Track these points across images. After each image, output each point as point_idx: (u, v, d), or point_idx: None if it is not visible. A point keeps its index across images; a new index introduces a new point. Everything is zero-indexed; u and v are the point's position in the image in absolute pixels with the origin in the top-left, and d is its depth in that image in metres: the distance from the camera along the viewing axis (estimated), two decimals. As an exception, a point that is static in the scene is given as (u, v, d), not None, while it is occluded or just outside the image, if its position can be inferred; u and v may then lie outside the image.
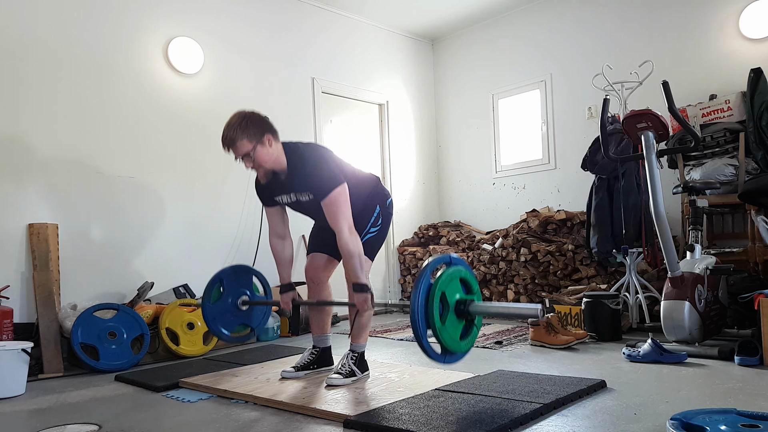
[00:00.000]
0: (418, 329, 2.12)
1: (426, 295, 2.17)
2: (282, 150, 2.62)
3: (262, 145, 2.54)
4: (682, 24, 4.50)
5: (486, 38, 5.84)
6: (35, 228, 3.50)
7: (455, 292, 2.26)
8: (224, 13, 4.57)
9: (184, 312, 3.67)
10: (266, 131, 2.56)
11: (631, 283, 3.78)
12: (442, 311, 2.19)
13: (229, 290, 3.12)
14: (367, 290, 2.51)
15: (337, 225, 2.52)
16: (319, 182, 2.52)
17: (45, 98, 3.63)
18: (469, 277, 2.33)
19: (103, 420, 2.26)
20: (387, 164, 5.79)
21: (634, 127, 3.20)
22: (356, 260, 2.50)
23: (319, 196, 2.53)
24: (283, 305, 2.84)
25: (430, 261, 2.29)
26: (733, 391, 2.29)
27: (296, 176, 2.59)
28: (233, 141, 2.52)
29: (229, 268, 3.13)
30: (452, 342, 2.20)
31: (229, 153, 2.56)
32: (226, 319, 3.09)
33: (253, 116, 2.58)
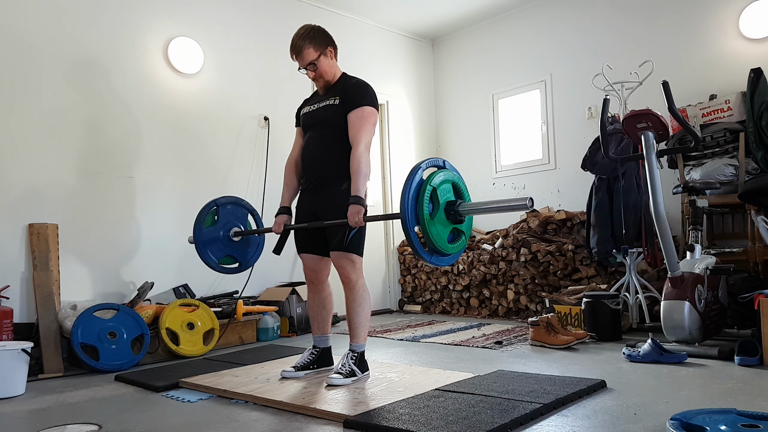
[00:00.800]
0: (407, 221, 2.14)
1: (417, 189, 2.20)
2: (338, 68, 2.83)
3: (325, 55, 2.75)
4: (682, 24, 4.50)
5: (486, 38, 5.84)
6: (35, 228, 3.50)
7: (446, 194, 2.28)
8: (224, 13, 4.57)
9: (184, 312, 3.67)
10: (329, 43, 2.78)
11: (631, 283, 3.78)
12: (432, 209, 2.22)
13: (223, 219, 3.12)
14: (361, 203, 2.55)
15: (357, 137, 2.62)
16: (358, 93, 2.69)
17: (45, 97, 3.63)
18: (461, 183, 2.38)
19: (103, 420, 2.26)
20: (387, 164, 5.79)
21: (634, 127, 3.20)
22: (362, 176, 2.59)
23: (350, 104, 2.67)
24: (275, 227, 2.85)
25: (423, 160, 2.33)
26: (733, 391, 2.29)
27: (339, 85, 2.77)
28: (300, 49, 2.72)
29: (224, 198, 3.16)
30: (440, 240, 2.23)
31: (295, 61, 2.77)
32: (215, 247, 3.10)
33: (319, 28, 2.78)
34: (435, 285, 5.39)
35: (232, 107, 4.58)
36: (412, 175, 2.22)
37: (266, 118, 4.75)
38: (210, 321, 3.75)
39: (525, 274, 4.65)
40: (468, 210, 2.30)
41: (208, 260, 3.09)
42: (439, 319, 4.97)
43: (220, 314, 3.89)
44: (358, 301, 2.71)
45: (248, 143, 4.67)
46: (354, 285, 2.69)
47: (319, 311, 2.90)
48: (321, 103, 2.79)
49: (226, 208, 3.13)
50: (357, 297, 2.71)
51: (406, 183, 2.20)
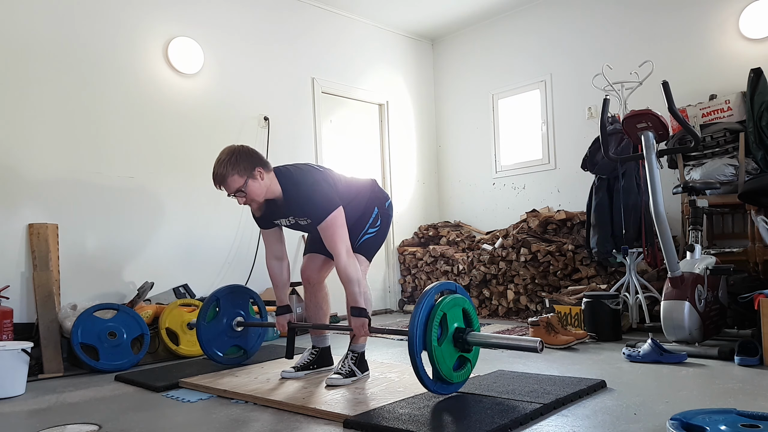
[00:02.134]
0: (414, 345, 2.12)
1: (428, 314, 2.17)
2: (274, 178, 2.62)
3: (254, 179, 2.53)
4: (682, 24, 4.50)
5: (486, 38, 5.84)
6: (35, 228, 3.50)
7: (455, 320, 2.26)
8: (224, 13, 4.57)
9: (184, 312, 3.67)
10: (256, 164, 2.55)
11: (631, 283, 3.78)
12: (441, 335, 2.20)
13: (225, 310, 3.14)
14: (365, 315, 2.53)
15: (335, 249, 2.52)
16: (315, 208, 2.53)
17: (45, 98, 3.63)
18: (471, 309, 2.34)
19: (103, 420, 2.25)
20: (387, 164, 5.79)
21: (634, 127, 3.20)
22: (355, 285, 2.51)
23: (315, 221, 2.55)
24: (278, 327, 2.86)
25: (436, 284, 2.30)
26: (733, 391, 2.29)
27: (292, 202, 2.60)
28: (224, 177, 2.51)
29: (226, 287, 3.16)
30: (446, 368, 2.20)
31: (221, 190, 2.57)
32: (220, 341, 3.14)
33: (242, 150, 2.56)
34: (435, 285, 5.38)
35: (232, 107, 4.58)
36: (424, 298, 2.18)
37: (266, 118, 4.75)
38: (210, 321, 3.75)
39: (525, 274, 4.65)
40: (477, 341, 2.26)
41: (214, 357, 3.11)
42: (439, 319, 4.96)
43: (220, 314, 3.88)
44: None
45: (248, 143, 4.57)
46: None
47: (316, 312, 2.90)
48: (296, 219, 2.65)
49: (227, 298, 3.15)
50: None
51: (417, 305, 2.16)
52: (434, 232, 5.84)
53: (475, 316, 2.35)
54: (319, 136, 5.13)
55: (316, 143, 5.10)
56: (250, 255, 4.56)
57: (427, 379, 2.19)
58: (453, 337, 2.24)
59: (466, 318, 2.32)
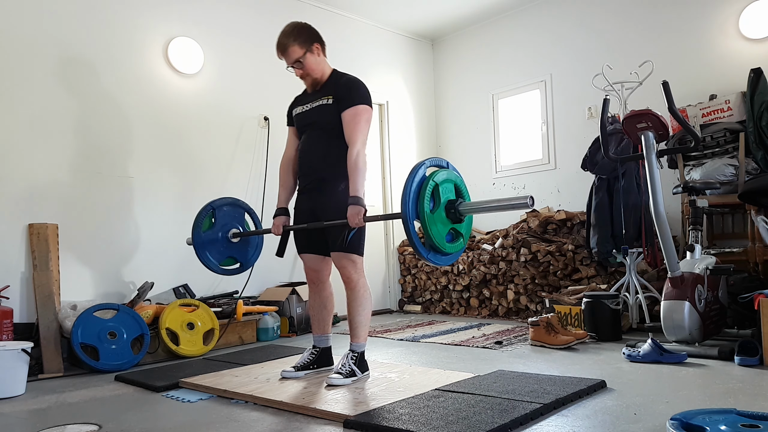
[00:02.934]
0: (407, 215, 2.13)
1: (419, 184, 2.20)
2: (326, 61, 2.80)
3: (311, 52, 2.72)
4: (682, 24, 4.50)
5: (486, 38, 5.84)
6: (35, 228, 3.50)
7: (448, 193, 2.28)
8: (224, 13, 4.57)
9: (184, 312, 3.67)
10: (315, 40, 2.74)
11: (631, 283, 3.78)
12: (433, 206, 2.22)
13: (221, 222, 3.12)
14: (361, 203, 2.54)
15: (352, 136, 2.60)
16: (351, 91, 2.66)
17: (44, 97, 3.63)
18: (463, 185, 2.37)
19: (103, 420, 2.26)
20: (387, 164, 5.79)
21: (634, 127, 3.20)
22: (360, 176, 2.57)
23: (344, 103, 2.64)
24: (274, 229, 2.85)
25: (426, 159, 2.32)
26: (733, 391, 2.29)
27: (330, 84, 2.73)
28: (285, 47, 2.70)
29: (221, 200, 3.15)
30: (439, 237, 2.22)
31: (281, 59, 2.75)
32: (215, 249, 3.10)
33: (305, 25, 2.76)
34: (435, 285, 5.39)
35: (232, 107, 4.58)
36: (415, 170, 2.22)
37: (266, 118, 4.75)
38: (210, 321, 3.75)
39: (525, 274, 4.65)
40: (468, 209, 2.29)
41: (208, 263, 3.09)
42: (439, 319, 4.97)
43: (220, 314, 3.89)
44: (359, 301, 2.71)
45: (248, 143, 4.67)
46: (355, 285, 2.70)
47: (320, 311, 2.90)
48: (314, 102, 2.77)
49: (222, 209, 3.13)
50: (358, 297, 2.71)
51: (409, 178, 2.20)
52: (434, 232, 5.82)
53: (466, 191, 2.38)
54: (319, 136, 5.12)
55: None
56: (250, 255, 4.56)
57: (421, 248, 2.21)
58: (445, 208, 2.26)
59: (458, 193, 2.35)
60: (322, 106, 2.72)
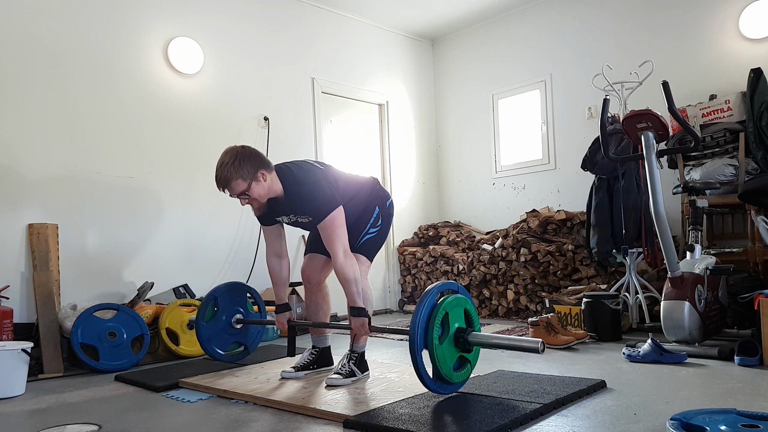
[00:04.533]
0: (415, 343, 2.12)
1: (429, 312, 2.17)
2: (276, 178, 2.61)
3: (257, 181, 2.53)
4: (682, 24, 4.50)
5: (486, 38, 5.84)
6: (35, 228, 3.50)
7: (457, 320, 2.26)
8: (224, 13, 4.57)
9: (184, 312, 3.66)
10: (259, 167, 2.53)
11: (631, 283, 3.78)
12: (442, 334, 2.20)
13: (224, 308, 3.15)
14: (364, 314, 2.53)
15: (333, 248, 2.53)
16: (316, 206, 2.54)
17: (45, 97, 3.63)
18: (472, 310, 2.34)
19: (103, 420, 2.25)
20: (387, 164, 5.79)
21: (634, 127, 3.20)
22: (352, 285, 2.51)
23: (316, 219, 2.55)
24: (278, 326, 2.88)
25: (438, 283, 2.31)
26: (733, 391, 2.29)
27: (294, 200, 2.60)
28: (228, 181, 2.50)
29: (224, 285, 3.16)
30: (446, 368, 2.20)
31: (224, 192, 2.56)
32: (220, 338, 3.16)
33: (245, 153, 2.54)
34: (435, 285, 5.38)
35: (232, 107, 4.58)
36: (426, 297, 2.19)
37: (266, 118, 4.75)
38: (210, 321, 3.75)
39: (525, 274, 4.65)
40: (478, 341, 2.26)
41: (214, 354, 3.13)
42: (439, 319, 4.96)
43: (220, 314, 3.88)
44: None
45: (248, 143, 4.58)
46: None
47: (316, 312, 2.90)
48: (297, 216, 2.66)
49: (224, 296, 3.16)
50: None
51: (420, 304, 2.17)
52: (434, 232, 5.84)
53: (476, 317, 2.35)
54: (319, 136, 5.13)
55: (316, 143, 5.10)
56: (250, 254, 4.56)
57: (427, 378, 2.19)
58: (454, 337, 2.24)
59: (468, 319, 2.32)
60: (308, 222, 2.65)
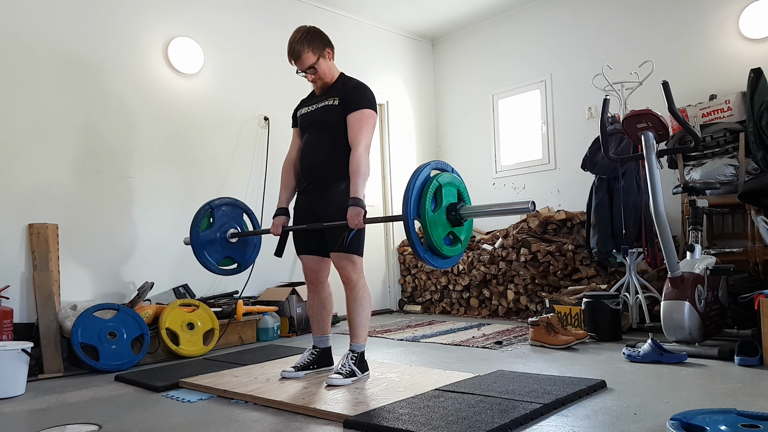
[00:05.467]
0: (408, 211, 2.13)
1: (423, 182, 2.20)
2: (336, 68, 2.81)
3: (324, 58, 2.72)
4: (682, 24, 4.50)
5: (486, 38, 5.84)
6: (35, 228, 3.50)
7: (450, 196, 2.28)
8: (224, 12, 4.57)
9: (184, 312, 3.67)
10: (327, 45, 2.74)
11: (631, 283, 3.78)
12: (435, 206, 2.22)
13: (219, 221, 3.12)
14: (361, 205, 2.54)
15: (356, 139, 2.61)
16: (358, 95, 2.67)
17: (45, 98, 3.63)
18: (465, 192, 2.37)
19: (103, 420, 2.26)
20: (387, 164, 5.79)
21: (634, 127, 3.20)
22: (361, 178, 2.57)
23: (349, 106, 2.65)
24: (273, 229, 2.85)
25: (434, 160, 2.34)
26: (733, 391, 2.29)
27: (337, 86, 2.75)
28: (299, 54, 2.68)
29: (219, 200, 3.15)
30: (437, 237, 2.22)
31: (293, 65, 2.73)
32: (213, 249, 3.09)
33: (316, 30, 2.74)
34: (435, 285, 5.39)
35: (232, 107, 4.58)
36: (419, 170, 2.24)
37: (266, 118, 4.75)
38: (210, 321, 3.75)
39: (525, 274, 4.65)
40: (470, 212, 2.29)
41: (206, 263, 3.08)
42: (439, 319, 4.97)
43: (220, 314, 3.89)
44: (358, 301, 2.71)
45: (248, 143, 4.67)
46: (355, 285, 2.70)
47: (319, 311, 2.90)
48: (320, 103, 2.78)
49: (221, 209, 3.13)
50: (357, 297, 2.71)
51: (413, 176, 2.21)
52: (434, 232, 5.82)
53: (468, 199, 2.39)
54: (319, 136, 5.12)
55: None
56: (250, 255, 4.56)
57: (419, 248, 2.21)
58: (446, 210, 2.26)
59: (460, 199, 2.36)
60: (327, 107, 2.74)
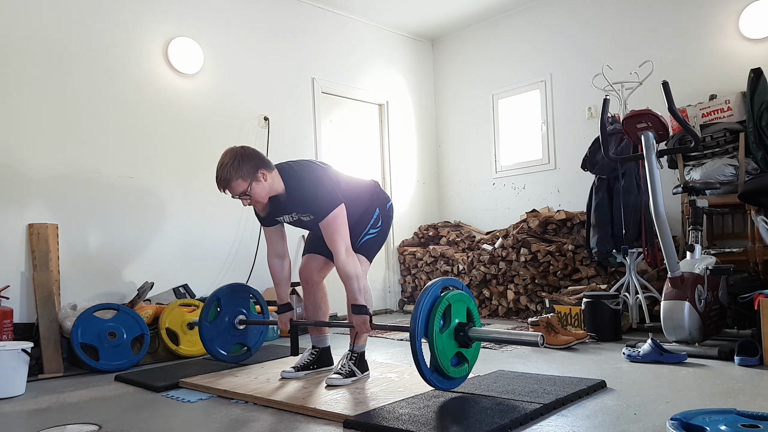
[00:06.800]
0: (416, 331, 2.12)
1: (432, 301, 2.18)
2: (277, 176, 2.60)
3: (257, 181, 2.52)
4: (682, 24, 4.50)
5: (486, 38, 5.84)
6: (35, 228, 3.50)
7: (459, 315, 2.26)
8: (224, 13, 4.57)
9: (184, 312, 3.67)
10: (259, 167, 2.53)
11: (631, 283, 3.78)
12: (443, 325, 2.20)
13: (226, 309, 3.16)
14: (365, 312, 2.53)
15: (334, 246, 2.53)
16: (318, 204, 2.53)
17: (45, 97, 3.63)
18: (475, 310, 2.35)
19: (103, 420, 2.26)
20: (387, 164, 5.79)
21: (634, 127, 3.20)
22: (354, 282, 2.52)
23: (318, 217, 2.55)
24: (281, 326, 2.87)
25: (443, 278, 2.32)
26: (733, 391, 2.29)
27: (295, 198, 2.59)
28: (228, 182, 2.50)
29: (226, 286, 3.17)
30: (444, 359, 2.21)
31: (225, 193, 2.56)
32: (222, 339, 3.16)
33: (245, 154, 2.53)
34: (435, 285, 5.38)
35: (232, 107, 4.58)
36: (430, 288, 2.21)
37: (266, 118, 4.75)
38: (210, 321, 3.75)
39: (525, 274, 4.65)
40: (478, 336, 2.26)
41: (217, 355, 3.13)
42: (439, 319, 4.96)
43: (220, 314, 3.89)
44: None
45: (248, 143, 4.61)
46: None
47: (315, 312, 2.90)
48: (299, 215, 2.66)
49: (227, 297, 3.16)
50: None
51: (423, 293, 2.19)
52: (434, 232, 5.84)
53: (478, 317, 2.36)
54: (319, 136, 5.13)
55: (316, 143, 5.09)
56: (250, 254, 4.56)
57: (425, 368, 2.20)
58: (454, 330, 2.25)
59: (469, 317, 2.33)
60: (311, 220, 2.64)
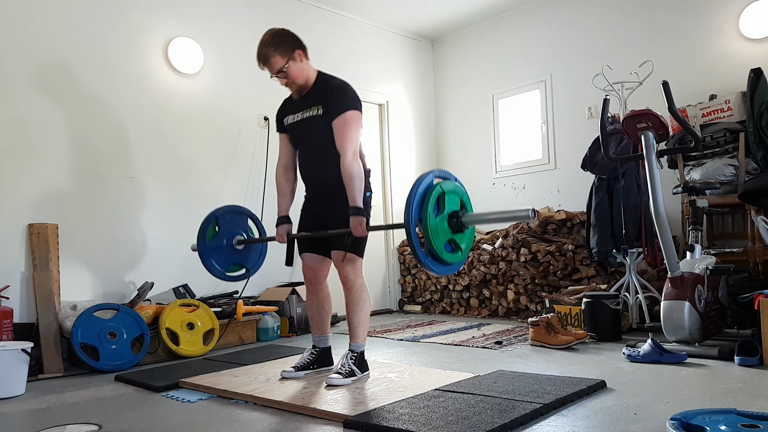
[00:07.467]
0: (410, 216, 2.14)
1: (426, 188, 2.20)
2: (310, 66, 2.75)
3: (294, 60, 2.67)
4: (682, 24, 4.50)
5: (486, 38, 5.84)
6: (35, 228, 3.50)
7: (452, 204, 2.28)
8: (224, 13, 4.57)
9: (184, 312, 3.67)
10: (297, 46, 2.69)
11: (631, 283, 3.78)
12: (437, 212, 2.22)
13: (225, 230, 3.14)
14: (363, 213, 2.54)
15: (343, 146, 2.57)
16: (339, 98, 2.61)
17: (44, 98, 3.63)
18: (468, 202, 2.37)
19: (103, 420, 2.26)
20: (387, 164, 5.79)
21: (634, 127, 3.20)
22: (356, 183, 2.55)
23: (333, 112, 2.60)
24: (278, 238, 2.86)
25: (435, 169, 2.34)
26: (733, 391, 2.29)
27: (317, 90, 2.69)
28: (267, 58, 2.65)
29: (224, 207, 3.17)
30: (438, 242, 2.22)
31: (263, 70, 2.70)
32: (220, 256, 3.12)
33: (284, 32, 2.70)
34: (435, 285, 5.39)
35: (232, 107, 4.58)
36: (423, 177, 2.23)
37: (266, 118, 4.75)
38: (210, 321, 3.75)
39: (525, 274, 4.65)
40: (471, 219, 2.27)
41: (213, 270, 3.11)
42: (439, 319, 4.97)
43: (220, 314, 3.89)
44: (356, 301, 2.72)
45: (248, 143, 4.67)
46: (353, 285, 2.70)
47: (318, 311, 2.90)
48: (304, 112, 2.73)
49: (225, 217, 3.15)
50: (356, 297, 2.71)
51: (416, 182, 2.21)
52: (434, 232, 5.82)
53: (471, 208, 2.38)
54: (319, 136, 5.11)
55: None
56: (250, 255, 4.55)
57: (419, 252, 2.20)
58: (448, 216, 2.26)
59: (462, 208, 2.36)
60: (313, 118, 2.69)
